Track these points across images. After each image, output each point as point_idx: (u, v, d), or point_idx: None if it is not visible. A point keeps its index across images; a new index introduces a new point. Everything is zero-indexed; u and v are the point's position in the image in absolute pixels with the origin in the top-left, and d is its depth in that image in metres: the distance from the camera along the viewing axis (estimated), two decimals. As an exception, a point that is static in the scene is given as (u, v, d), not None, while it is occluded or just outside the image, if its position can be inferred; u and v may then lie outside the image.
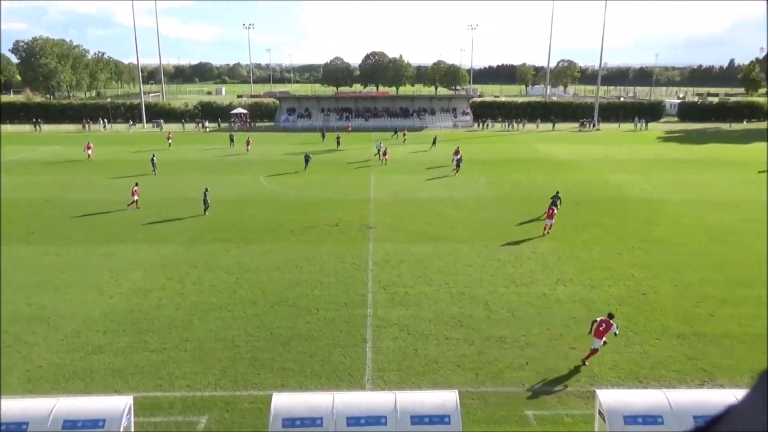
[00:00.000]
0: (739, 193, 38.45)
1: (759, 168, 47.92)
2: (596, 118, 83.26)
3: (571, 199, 36.18)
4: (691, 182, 42.33)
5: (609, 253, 25.80)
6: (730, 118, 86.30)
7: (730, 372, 15.69)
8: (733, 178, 44.04)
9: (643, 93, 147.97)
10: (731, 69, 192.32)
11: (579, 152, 57.20)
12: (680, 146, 63.83)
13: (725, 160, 52.58)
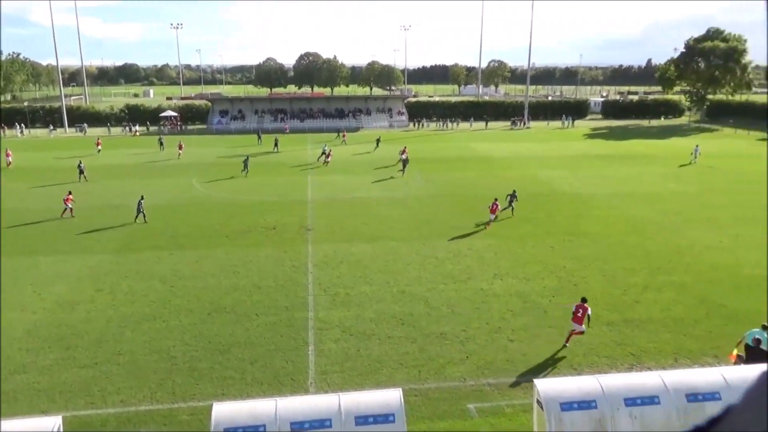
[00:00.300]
0: (658, 186, 40.74)
1: (676, 162, 50.95)
2: (526, 117, 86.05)
3: (502, 195, 37.19)
4: (615, 177, 44.47)
5: (542, 247, 26.71)
6: (649, 115, 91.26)
7: (655, 355, 16.60)
8: (652, 171, 46.59)
9: (570, 92, 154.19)
10: (649, 68, 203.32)
11: (511, 150, 58.93)
12: (604, 142, 66.92)
13: (646, 155, 55.57)
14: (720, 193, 38.19)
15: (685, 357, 16.42)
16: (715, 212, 32.96)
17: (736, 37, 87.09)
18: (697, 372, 12.87)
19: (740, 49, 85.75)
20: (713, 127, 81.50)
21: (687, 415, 11.80)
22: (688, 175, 45.12)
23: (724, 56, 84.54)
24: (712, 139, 68.75)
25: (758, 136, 69.70)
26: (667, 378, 12.32)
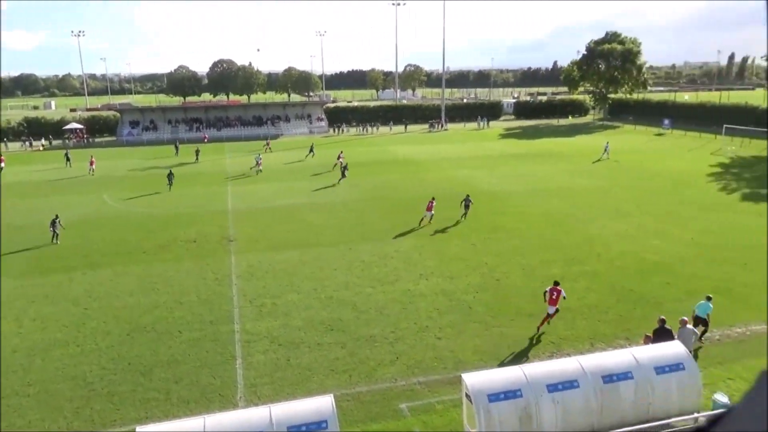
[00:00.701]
0: (569, 182, 42.95)
1: (584, 158, 53.92)
2: (444, 119, 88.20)
3: (427, 197, 37.89)
4: (530, 174, 46.46)
5: (465, 245, 27.46)
6: (557, 115, 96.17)
7: (573, 341, 17.48)
8: (563, 168, 49.07)
9: (483, 94, 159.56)
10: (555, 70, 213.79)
11: (431, 152, 60.18)
12: (518, 141, 69.76)
13: (556, 153, 58.44)
14: (624, 187, 40.79)
15: (600, 341, 17.40)
16: (621, 204, 35.19)
17: (631, 40, 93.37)
18: (611, 354, 13.67)
19: (635, 51, 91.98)
20: (615, 124, 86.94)
21: (603, 395, 12.52)
22: (595, 170, 47.86)
23: (622, 58, 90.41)
24: (614, 136, 73.28)
25: (654, 131, 75.09)
26: (584, 362, 13.01)
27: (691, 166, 48.53)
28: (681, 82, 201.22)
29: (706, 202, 35.30)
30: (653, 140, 67.79)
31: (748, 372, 15.47)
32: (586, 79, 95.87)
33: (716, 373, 15.33)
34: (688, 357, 13.32)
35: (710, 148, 59.20)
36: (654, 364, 12.99)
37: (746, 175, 44.37)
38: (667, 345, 13.84)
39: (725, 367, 15.74)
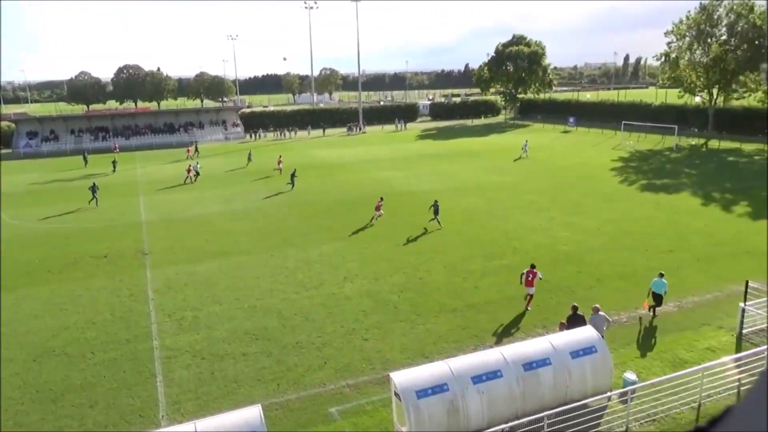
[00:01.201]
0: (485, 179, 44.43)
1: (498, 156, 55.97)
2: (361, 122, 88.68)
3: (348, 199, 38.06)
4: (448, 173, 47.65)
5: (388, 245, 27.74)
6: (471, 115, 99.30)
7: (495, 333, 18.11)
8: (479, 166, 50.71)
9: (400, 96, 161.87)
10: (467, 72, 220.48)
11: (350, 154, 60.35)
12: (435, 142, 71.37)
13: (472, 151, 60.29)
14: (536, 181, 42.72)
15: (521, 331, 18.13)
16: (534, 198, 36.83)
17: (536, 43, 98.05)
18: (530, 343, 14.28)
19: (540, 53, 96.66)
20: (526, 123, 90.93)
21: (525, 382, 13.07)
22: (509, 167, 49.79)
23: (529, 59, 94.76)
24: (525, 134, 76.56)
25: (561, 129, 79.23)
26: (506, 353, 13.52)
27: (595, 161, 51.59)
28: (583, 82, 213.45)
29: (609, 194, 37.64)
30: (560, 137, 71.46)
31: (653, 350, 16.65)
32: (496, 81, 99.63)
33: (625, 354, 16.39)
34: (600, 341, 14.16)
35: (611, 144, 63.19)
36: (569, 349, 13.70)
37: (644, 168, 47.72)
38: (580, 330, 14.63)
39: (632, 347, 16.86)
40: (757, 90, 59.89)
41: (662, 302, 18.73)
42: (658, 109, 73.52)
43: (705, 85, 63.57)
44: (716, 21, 61.33)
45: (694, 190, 38.54)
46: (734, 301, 18.48)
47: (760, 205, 33.64)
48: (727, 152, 54.74)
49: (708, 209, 33.38)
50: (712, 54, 61.35)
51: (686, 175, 44.21)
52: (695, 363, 15.11)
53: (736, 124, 62.53)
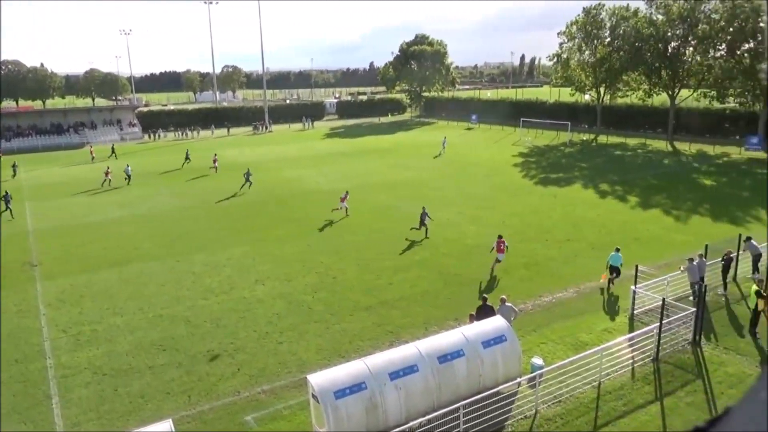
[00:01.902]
0: (394, 175, 45.02)
1: (405, 152, 56.91)
2: (267, 121, 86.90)
3: (258, 200, 37.18)
4: (357, 170, 47.80)
5: (299, 245, 27.38)
6: (378, 113, 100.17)
7: (410, 328, 18.38)
8: (388, 163, 51.29)
9: (306, 95, 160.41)
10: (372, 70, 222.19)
11: (258, 154, 58.97)
12: (343, 140, 71.37)
13: (380, 149, 60.88)
14: (444, 177, 43.87)
15: (434, 325, 18.52)
16: (443, 193, 37.80)
17: (438, 42, 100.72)
18: (444, 336, 14.62)
19: (443, 52, 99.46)
20: (431, 120, 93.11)
21: (440, 374, 13.36)
22: (417, 163, 50.75)
23: (432, 58, 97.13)
24: (431, 131, 78.46)
25: (465, 126, 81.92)
26: (421, 347, 13.75)
27: (498, 156, 53.81)
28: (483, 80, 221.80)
29: (512, 188, 39.41)
30: (464, 134, 73.84)
31: (556, 334, 17.61)
32: (401, 79, 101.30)
33: (532, 340, 17.21)
34: (509, 329, 14.76)
35: (511, 140, 66.19)
36: (481, 339, 14.17)
37: (542, 163, 50.39)
38: (490, 320, 15.18)
39: (539, 333, 17.74)
40: (638, 89, 65.00)
41: (620, 273, 20.72)
42: (553, 106, 77.97)
43: (593, 84, 68.11)
44: (601, 24, 65.87)
45: (587, 182, 41.22)
46: (626, 285, 19.94)
47: (644, 195, 36.57)
48: (614, 146, 59.04)
49: (599, 200, 35.83)
50: (598, 55, 65.87)
51: (579, 168, 47.19)
52: (594, 344, 16.14)
53: (621, 121, 67.59)
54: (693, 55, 58.47)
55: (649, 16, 60.28)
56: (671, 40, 59.00)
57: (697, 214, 32.07)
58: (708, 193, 37.61)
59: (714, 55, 57.01)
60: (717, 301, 19.82)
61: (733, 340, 17.02)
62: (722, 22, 53.24)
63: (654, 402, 14.04)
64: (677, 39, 58.71)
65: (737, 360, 15.84)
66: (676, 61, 58.49)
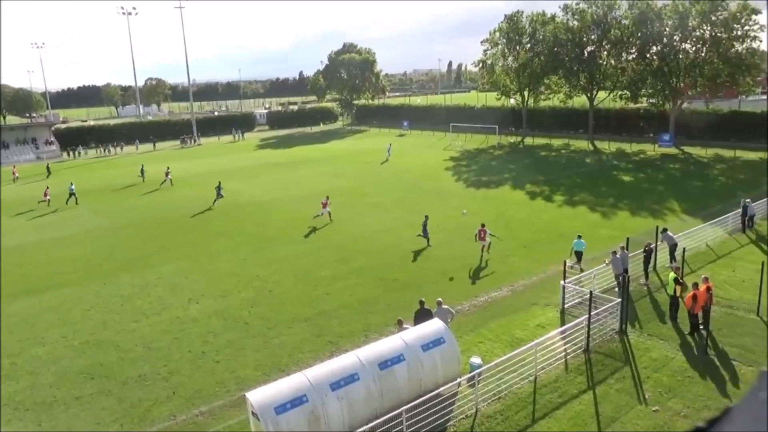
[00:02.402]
0: (329, 184, 44.78)
1: (339, 161, 56.88)
2: (196, 134, 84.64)
3: (189, 214, 36.11)
4: (291, 181, 47.32)
5: (234, 260, 26.76)
6: (310, 123, 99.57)
7: (350, 337, 18.32)
8: (322, 172, 51.07)
9: (235, 106, 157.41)
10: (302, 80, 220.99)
11: (188, 168, 57.24)
12: (275, 151, 70.50)
13: (313, 158, 60.56)
14: (379, 183, 44.15)
15: (374, 332, 18.54)
16: (378, 199, 38.01)
17: (367, 50, 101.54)
18: (383, 342, 14.67)
19: (372, 60, 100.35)
20: (363, 128, 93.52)
21: (382, 381, 13.38)
22: (352, 171, 50.81)
23: (361, 67, 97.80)
24: (363, 139, 78.86)
25: (397, 132, 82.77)
26: (361, 355, 13.73)
27: (431, 161, 54.71)
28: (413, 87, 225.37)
29: (446, 191, 40.16)
30: (397, 140, 74.58)
31: (493, 333, 18.04)
32: (331, 88, 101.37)
33: (470, 340, 17.54)
34: (447, 331, 14.99)
35: (442, 144, 67.49)
36: (420, 342, 14.32)
37: (473, 166, 51.66)
38: (428, 324, 15.36)
39: (476, 333, 18.11)
40: (558, 91, 67.91)
41: (582, 258, 22.84)
42: (480, 111, 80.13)
43: (517, 88, 70.58)
44: (522, 30, 68.43)
45: (516, 184, 42.59)
46: (556, 280, 20.70)
47: (569, 193, 38.18)
48: (540, 148, 61.36)
49: (528, 200, 37.10)
50: (520, 60, 68.34)
51: (508, 170, 48.70)
52: (529, 340, 16.65)
53: (545, 123, 70.28)
54: (607, 59, 61.72)
55: (566, 22, 63.10)
56: (587, 44, 62.07)
57: (618, 209, 33.79)
58: (627, 188, 39.71)
59: (627, 58, 60.46)
60: (640, 290, 20.92)
61: (655, 326, 17.99)
62: (632, 27, 56.54)
63: (587, 391, 14.63)
64: (592, 43, 61.82)
65: (660, 345, 16.75)
66: (592, 65, 61.51)
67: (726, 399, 13.92)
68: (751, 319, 18.02)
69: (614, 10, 59.37)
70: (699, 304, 16.81)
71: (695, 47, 54.84)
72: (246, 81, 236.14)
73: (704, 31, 53.36)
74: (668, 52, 55.48)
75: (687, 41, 55.01)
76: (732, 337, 16.85)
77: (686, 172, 44.46)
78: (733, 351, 16.10)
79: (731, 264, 23.19)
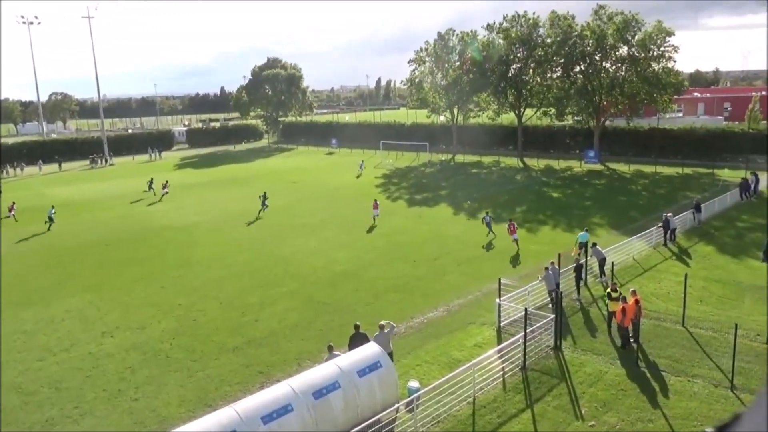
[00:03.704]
0: (254, 205, 44.05)
1: (264, 181, 56.18)
2: (107, 153, 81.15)
3: (100, 241, 34.46)
4: (214, 202, 46.19)
5: (153, 289, 25.70)
6: (233, 141, 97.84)
7: (282, 365, 17.97)
8: (246, 192, 50.17)
9: (150, 123, 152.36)
10: (224, 96, 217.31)
11: (98, 190, 54.68)
12: (196, 171, 68.69)
13: (238, 178, 59.46)
14: (308, 203, 43.90)
15: (307, 359, 18.27)
16: (306, 220, 37.74)
17: (293, 66, 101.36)
18: (318, 369, 14.48)
19: (298, 76, 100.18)
20: (290, 146, 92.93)
21: (317, 410, 13.18)
22: (281, 190, 50.16)
23: (287, 82, 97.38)
24: (290, 157, 78.34)
25: (325, 151, 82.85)
26: (294, 384, 13.49)
27: (361, 179, 55.04)
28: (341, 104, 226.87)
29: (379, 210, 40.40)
30: (325, 159, 74.68)
31: (430, 355, 18.23)
32: (255, 104, 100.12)
33: (407, 363, 17.63)
34: (383, 355, 15.01)
35: (373, 163, 68.09)
36: (356, 368, 14.24)
37: (404, 184, 52.40)
38: (364, 348, 15.32)
39: (413, 355, 18.23)
40: (487, 108, 70.40)
41: (586, 248, 25.36)
42: (411, 128, 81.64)
43: (447, 105, 72.55)
44: (451, 49, 70.62)
45: (449, 201, 43.54)
46: (491, 298, 21.24)
47: (500, 210, 39.41)
48: (471, 165, 63.16)
49: (460, 217, 38.00)
50: (449, 78, 70.41)
51: (441, 188, 49.75)
52: (466, 360, 16.94)
53: (475, 140, 72.34)
54: (533, 77, 64.72)
55: (491, 41, 65.72)
56: (513, 62, 64.86)
57: (548, 225, 35.23)
58: (556, 204, 41.51)
59: (552, 77, 63.63)
60: (572, 306, 21.80)
61: (588, 341, 18.79)
62: (554, 46, 59.64)
63: (525, 410, 15.01)
64: (519, 61, 64.71)
65: (594, 359, 17.49)
66: (519, 82, 64.31)
67: (657, 410, 14.69)
68: (677, 329, 19.17)
69: (539, 29, 62.44)
70: (628, 317, 17.72)
71: (615, 66, 58.58)
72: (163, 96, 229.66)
73: (622, 51, 57.18)
74: (591, 71, 58.91)
75: (607, 60, 58.69)
76: (661, 348, 17.85)
77: (611, 188, 47.05)
78: (662, 362, 17.05)
79: (657, 276, 24.65)
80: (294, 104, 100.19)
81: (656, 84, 55.49)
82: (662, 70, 55.70)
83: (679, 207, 34.65)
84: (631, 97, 57.09)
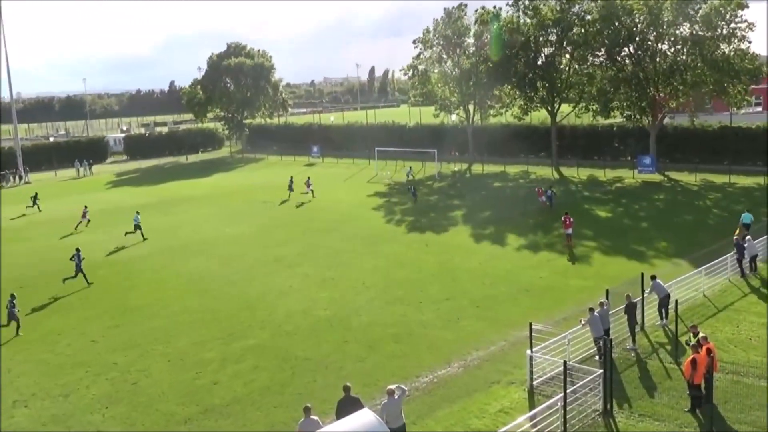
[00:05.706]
0: (213, 231, 44.16)
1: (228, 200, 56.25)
2: (21, 168, 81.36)
3: (13, 281, 34.33)
4: (160, 228, 46.20)
5: (81, 343, 25.59)
6: (185, 150, 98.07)
7: (248, 441, 17.82)
8: (204, 215, 50.27)
9: (78, 128, 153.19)
10: (173, 92, 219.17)
11: (11, 215, 54.70)
12: (137, 189, 68.86)
13: (192, 198, 59.61)
14: (283, 229, 44.00)
15: None
16: (280, 251, 37.75)
17: (261, 54, 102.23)
18: (295, 445, 14.33)
19: (268, 66, 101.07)
20: (258, 156, 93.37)
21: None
22: (247, 213, 50.31)
23: (254, 74, 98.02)
24: (259, 170, 78.79)
25: (304, 161, 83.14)
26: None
27: (351, 198, 55.27)
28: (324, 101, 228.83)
29: (372, 237, 40.51)
30: (305, 171, 74.75)
31: (442, 425, 18.10)
32: (214, 102, 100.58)
33: (412, 435, 17.48)
34: (380, 424, 14.87)
35: (366, 175, 68.46)
36: None
37: (408, 204, 52.50)
38: (357, 416, 15.19)
39: (419, 425, 18.09)
40: (511, 105, 70.54)
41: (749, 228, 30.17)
42: (414, 130, 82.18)
43: (460, 101, 72.91)
44: (464, 30, 71.09)
45: (463, 224, 43.63)
46: (520, 349, 21.16)
47: (530, 234, 39.46)
48: (492, 177, 63.45)
49: (479, 245, 38.03)
50: (463, 67, 70.85)
51: (453, 207, 49.90)
52: (489, 431, 16.80)
53: (496, 144, 72.36)
54: (570, 64, 65.15)
55: (517, 20, 66.04)
56: (544, 46, 65.40)
57: (593, 252, 35.27)
58: (602, 225, 41.64)
59: (593, 63, 63.72)
60: (626, 357, 21.72)
61: (647, 403, 18.67)
62: (596, 24, 59.81)
63: (567, 495, 14.86)
64: (551, 45, 65.22)
65: (655, 427, 17.37)
66: (552, 71, 64.73)
67: (739, 492, 14.54)
68: (762, 387, 19.06)
69: (575, 4, 62.76)
70: (700, 372, 17.61)
71: (674, 48, 58.84)
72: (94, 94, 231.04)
73: (683, 30, 57.42)
74: (643, 55, 59.31)
75: (663, 41, 58.96)
76: (741, 411, 17.73)
77: (673, 204, 47.26)
78: (743, 428, 16.93)
79: (734, 318, 24.60)
80: (263, 102, 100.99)
81: (726, 70, 55.32)
82: (734, 53, 55.78)
83: (761, 227, 34.76)
84: (695, 87, 57.30)
